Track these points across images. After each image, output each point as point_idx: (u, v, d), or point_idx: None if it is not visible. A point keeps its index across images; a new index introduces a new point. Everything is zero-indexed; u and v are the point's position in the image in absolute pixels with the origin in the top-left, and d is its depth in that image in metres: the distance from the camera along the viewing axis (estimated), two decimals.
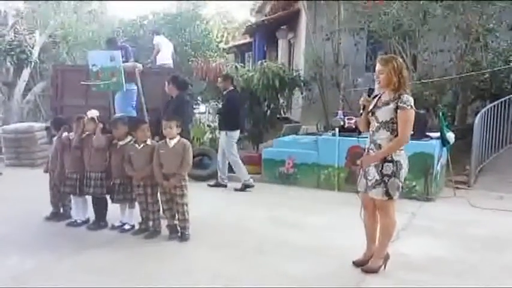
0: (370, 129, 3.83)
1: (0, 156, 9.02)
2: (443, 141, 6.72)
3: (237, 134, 7.12)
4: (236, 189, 7.00)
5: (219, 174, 7.27)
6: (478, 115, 7.57)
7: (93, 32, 14.23)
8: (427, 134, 6.77)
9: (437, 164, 6.58)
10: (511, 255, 4.44)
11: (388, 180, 3.67)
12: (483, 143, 7.71)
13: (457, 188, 6.97)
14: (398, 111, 3.62)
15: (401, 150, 3.72)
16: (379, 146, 3.72)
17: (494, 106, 7.82)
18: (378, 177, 3.71)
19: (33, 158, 8.67)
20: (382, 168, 3.69)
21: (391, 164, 3.67)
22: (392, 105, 3.66)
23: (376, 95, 3.86)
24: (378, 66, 3.73)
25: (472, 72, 8.11)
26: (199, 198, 5.56)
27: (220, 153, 7.25)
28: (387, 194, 3.70)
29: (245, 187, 7.01)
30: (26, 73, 13.01)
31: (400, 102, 3.62)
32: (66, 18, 14.76)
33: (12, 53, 11.51)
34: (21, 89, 13.06)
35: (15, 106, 12.76)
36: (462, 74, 8.14)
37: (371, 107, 3.81)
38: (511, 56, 8.51)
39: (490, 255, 4.39)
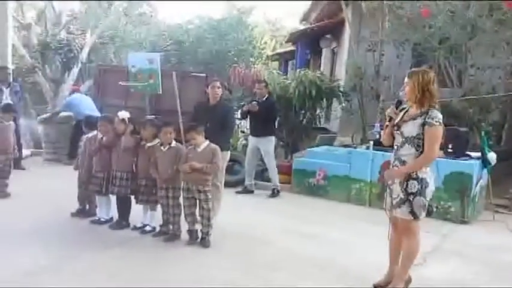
0: (395, 143, 3.67)
1: (40, 150, 9.31)
2: (484, 161, 6.37)
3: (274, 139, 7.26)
4: (268, 196, 7.07)
5: (246, 180, 7.23)
6: None
7: (140, 34, 14.61)
8: (467, 153, 6.43)
9: (476, 185, 6.23)
10: None
11: (413, 198, 3.50)
12: None
13: (497, 211, 6.58)
14: (426, 127, 3.45)
15: (427, 167, 3.53)
16: (404, 163, 3.56)
17: None
18: (402, 196, 3.54)
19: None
20: (406, 186, 3.52)
21: (415, 181, 3.49)
22: (419, 120, 3.49)
23: (404, 108, 3.69)
24: (406, 79, 3.59)
25: None
26: (225, 205, 5.51)
27: (249, 159, 7.20)
28: (412, 213, 3.53)
29: (277, 192, 7.10)
30: (74, 71, 13.48)
31: (428, 118, 3.45)
32: (116, 20, 15.24)
33: (61, 51, 11.94)
34: (69, 86, 13.55)
35: (63, 102, 13.22)
36: (510, 93, 7.72)
37: (397, 120, 3.65)
38: None
39: None
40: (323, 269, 4.19)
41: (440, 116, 3.47)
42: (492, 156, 6.35)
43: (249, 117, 7.36)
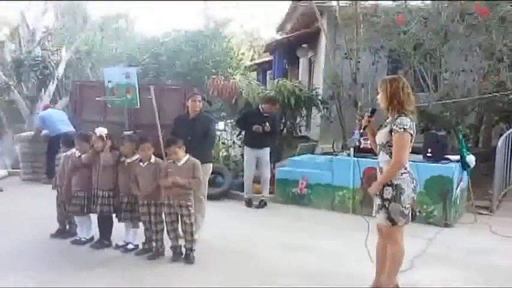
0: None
1: (17, 170, 9.09)
2: (463, 164, 6.46)
3: None
4: (255, 207, 7.07)
5: (247, 193, 7.23)
6: (502, 138, 7.27)
7: (117, 49, 14.49)
8: (446, 156, 6.51)
9: (457, 188, 6.31)
10: None
11: (388, 205, 3.54)
12: (507, 166, 7.40)
13: (479, 213, 6.66)
14: (393, 133, 3.50)
15: (405, 173, 3.54)
16: (381, 170, 3.64)
17: None
18: (379, 202, 3.60)
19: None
20: (382, 193, 3.57)
21: (390, 188, 3.53)
22: (388, 128, 3.56)
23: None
24: (379, 87, 3.66)
25: (496, 93, 7.83)
26: (209, 218, 5.45)
27: (248, 172, 7.18)
28: (390, 219, 3.55)
29: (265, 204, 7.08)
30: (51, 88, 13.26)
31: (394, 125, 3.51)
32: (92, 35, 15.10)
33: (36, 68, 11.74)
34: (43, 105, 13.31)
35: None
36: (485, 95, 7.87)
37: (377, 128, 3.69)
38: None
39: None
40: (312, 280, 4.15)
41: (406, 123, 3.48)
42: (471, 159, 6.44)
43: (247, 129, 7.34)
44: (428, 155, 6.39)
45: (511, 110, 8.29)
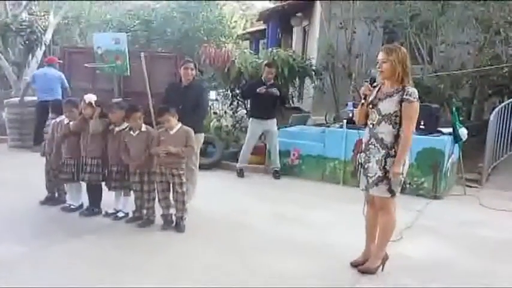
0: (369, 122, 3.62)
1: (4, 137, 8.95)
2: (456, 137, 6.45)
3: None
4: (272, 178, 7.06)
5: (241, 162, 7.17)
6: (494, 111, 7.27)
7: (106, 14, 14.13)
8: (439, 129, 6.50)
9: (448, 160, 6.32)
10: None
11: (390, 176, 3.48)
12: (498, 140, 7.41)
13: (468, 186, 6.71)
14: (404, 103, 3.44)
15: None
16: (381, 140, 3.53)
17: (511, 103, 7.49)
18: (380, 174, 3.53)
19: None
20: (385, 164, 3.50)
21: (393, 159, 3.47)
22: (396, 98, 3.47)
23: (376, 86, 3.64)
24: (381, 55, 3.51)
25: (491, 66, 7.78)
26: (200, 188, 5.42)
27: (250, 142, 7.12)
28: (390, 190, 3.54)
29: (279, 175, 7.04)
30: (39, 54, 12.96)
31: (406, 95, 3.44)
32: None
33: (23, 33, 11.41)
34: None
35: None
36: (480, 68, 7.81)
37: (371, 98, 3.60)
38: None
39: (498, 260, 4.17)
40: (301, 251, 4.16)
41: (416, 92, 3.47)
42: (463, 132, 6.43)
43: (252, 100, 7.26)
44: (421, 127, 6.36)
45: (505, 83, 8.26)
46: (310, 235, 4.58)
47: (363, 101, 3.64)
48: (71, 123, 4.87)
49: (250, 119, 7.20)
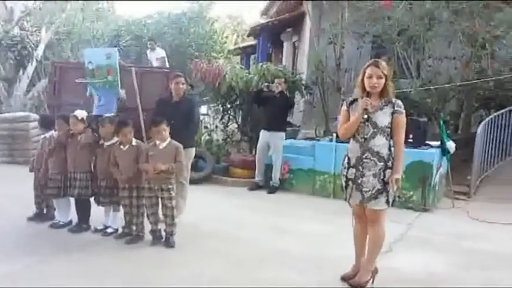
0: (359, 136, 3.58)
1: None
2: (444, 150, 6.53)
3: None
4: (267, 192, 7.08)
5: (257, 177, 7.23)
6: (481, 124, 7.37)
7: (98, 30, 14.18)
8: (427, 142, 6.57)
9: (436, 173, 6.39)
10: (509, 274, 4.21)
11: (389, 187, 3.50)
12: (486, 153, 7.50)
13: (457, 198, 6.76)
14: (395, 115, 3.51)
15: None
16: (378, 153, 3.51)
17: (498, 115, 7.62)
18: (379, 187, 3.51)
19: (28, 156, 8.54)
20: (384, 176, 3.50)
21: (390, 170, 3.51)
22: (387, 110, 3.53)
23: (354, 101, 3.64)
24: (377, 70, 3.47)
25: (477, 80, 7.89)
26: (190, 202, 5.42)
27: (260, 155, 7.19)
28: (388, 202, 3.55)
29: (275, 189, 7.08)
30: (30, 69, 12.96)
31: (397, 107, 3.52)
32: (72, 15, 14.75)
33: (14, 48, 11.44)
34: (24, 85, 13.01)
35: (18, 102, 12.70)
36: (466, 82, 7.92)
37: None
38: None
39: (487, 273, 4.18)
40: (293, 264, 4.15)
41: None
42: (451, 145, 6.51)
43: (261, 109, 7.32)
44: (410, 140, 6.42)
45: (491, 97, 8.38)
46: (301, 247, 4.58)
47: (365, 116, 3.52)
48: (56, 134, 4.87)
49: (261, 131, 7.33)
